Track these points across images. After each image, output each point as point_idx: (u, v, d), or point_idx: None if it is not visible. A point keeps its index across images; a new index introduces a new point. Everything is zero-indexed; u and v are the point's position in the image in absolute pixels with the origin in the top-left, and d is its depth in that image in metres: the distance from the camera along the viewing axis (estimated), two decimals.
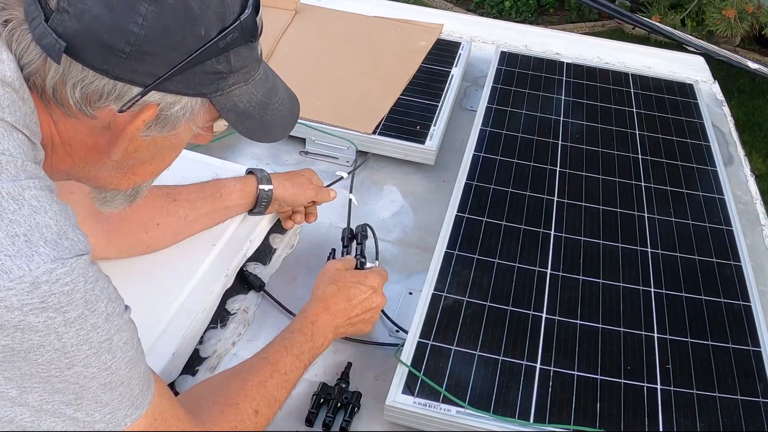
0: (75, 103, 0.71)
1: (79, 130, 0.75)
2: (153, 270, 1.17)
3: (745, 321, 1.18)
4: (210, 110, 0.78)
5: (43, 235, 0.63)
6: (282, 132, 0.88)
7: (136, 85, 0.71)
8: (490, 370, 1.07)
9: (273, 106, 0.84)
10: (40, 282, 0.62)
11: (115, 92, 0.71)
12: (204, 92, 0.75)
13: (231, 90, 0.77)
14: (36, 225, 0.64)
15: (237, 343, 1.16)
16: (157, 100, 0.73)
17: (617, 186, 1.45)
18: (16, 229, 0.62)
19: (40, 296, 0.62)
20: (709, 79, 1.97)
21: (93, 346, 0.66)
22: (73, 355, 0.65)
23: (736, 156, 1.68)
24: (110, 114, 0.73)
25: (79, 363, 0.65)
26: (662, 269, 1.27)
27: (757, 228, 1.48)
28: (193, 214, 1.19)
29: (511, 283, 1.21)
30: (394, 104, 1.63)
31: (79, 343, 0.65)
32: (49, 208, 0.66)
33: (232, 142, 1.58)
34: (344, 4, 2.05)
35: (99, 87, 0.70)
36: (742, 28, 3.77)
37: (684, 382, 1.08)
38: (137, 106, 0.72)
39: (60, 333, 0.63)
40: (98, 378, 0.67)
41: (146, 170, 0.84)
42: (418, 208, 1.47)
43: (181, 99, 0.74)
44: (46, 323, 0.62)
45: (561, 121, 1.62)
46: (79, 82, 0.70)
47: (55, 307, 0.63)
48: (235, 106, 0.79)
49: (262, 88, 0.82)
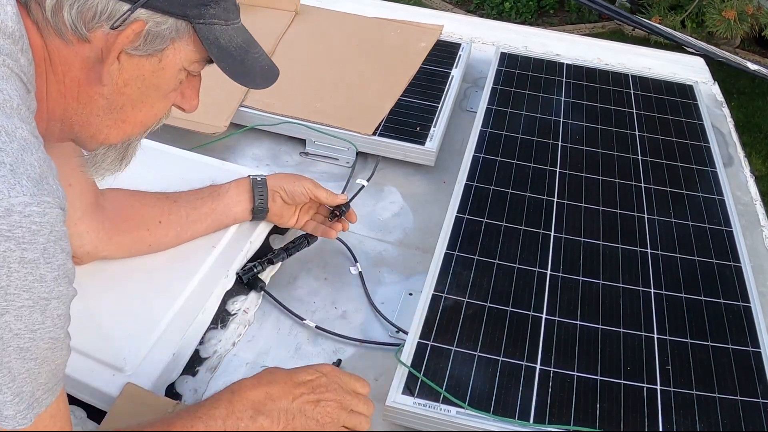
0: (71, 25, 0.76)
1: (72, 63, 0.79)
2: (154, 271, 1.17)
3: (744, 322, 1.18)
4: (195, 42, 0.83)
5: (27, 171, 0.65)
6: (263, 82, 0.91)
7: (126, 2, 0.76)
8: (490, 371, 1.07)
9: (253, 55, 0.88)
10: (13, 211, 0.63)
11: (108, 10, 0.76)
12: (187, 14, 0.80)
13: (212, 23, 0.82)
14: (22, 161, 0.66)
15: (237, 344, 1.16)
16: (146, 17, 0.78)
17: (617, 187, 1.45)
18: (4, 158, 0.64)
19: (9, 224, 0.63)
20: (708, 81, 1.97)
21: (32, 298, 0.66)
22: (11, 300, 0.65)
23: (736, 157, 1.68)
24: (102, 37, 0.77)
25: (13, 312, 0.65)
26: (662, 270, 1.27)
27: (756, 229, 1.48)
28: (194, 214, 1.20)
29: (511, 284, 1.22)
30: (394, 105, 1.64)
31: (23, 288, 0.65)
32: (36, 152, 0.68)
33: (232, 143, 1.59)
34: (344, 5, 2.05)
35: (93, 5, 0.75)
36: (742, 30, 3.77)
37: (684, 382, 1.08)
38: (126, 24, 0.77)
39: (12, 269, 0.64)
40: (21, 337, 0.66)
41: (135, 117, 0.86)
42: (418, 209, 1.47)
43: (167, 19, 0.79)
44: (4, 254, 0.63)
45: (561, 122, 1.63)
46: (76, 2, 0.75)
47: (17, 240, 0.63)
48: (217, 41, 0.83)
49: (241, 36, 0.87)
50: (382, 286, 1.28)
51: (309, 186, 1.25)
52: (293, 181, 1.26)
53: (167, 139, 1.36)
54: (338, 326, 1.19)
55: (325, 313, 1.22)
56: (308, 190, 1.25)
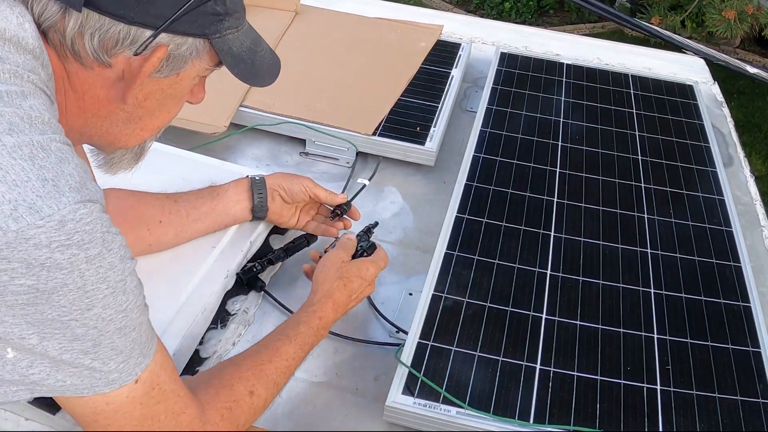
0: (92, 53, 0.77)
1: (93, 83, 0.81)
2: (154, 271, 1.17)
3: (744, 322, 1.18)
4: (210, 54, 0.84)
5: (68, 182, 0.68)
6: (269, 78, 0.94)
7: (147, 28, 0.77)
8: (490, 371, 1.07)
9: (260, 54, 0.90)
10: (66, 220, 0.66)
11: (130, 37, 0.77)
12: (206, 33, 0.81)
13: (227, 34, 0.84)
14: (62, 173, 0.68)
15: (237, 344, 1.16)
16: (167, 41, 0.79)
17: (617, 187, 1.45)
18: (46, 174, 0.67)
19: (66, 233, 0.66)
20: (708, 81, 1.97)
21: (110, 285, 0.71)
22: (93, 295, 0.69)
23: (736, 157, 1.69)
24: (124, 61, 0.79)
25: (98, 303, 0.70)
26: (662, 270, 1.27)
27: (756, 229, 1.48)
28: (194, 213, 1.20)
29: (511, 284, 1.22)
30: (394, 105, 1.64)
31: (99, 281, 0.69)
32: (72, 160, 0.71)
33: (232, 142, 1.58)
34: (344, 5, 2.05)
35: (115, 33, 0.76)
36: (742, 30, 3.77)
37: (684, 382, 1.08)
38: (149, 49, 0.78)
39: (82, 270, 0.68)
40: (115, 321, 0.72)
41: (153, 124, 0.90)
42: (418, 209, 1.47)
43: (187, 40, 0.80)
44: (71, 260, 0.67)
45: (561, 122, 1.63)
46: (97, 31, 0.76)
47: (78, 244, 0.67)
48: (231, 50, 0.85)
49: (249, 37, 0.89)
50: (382, 285, 1.28)
51: (308, 184, 1.26)
52: (292, 179, 1.27)
53: (167, 139, 1.35)
54: (338, 326, 1.19)
55: None
56: (307, 188, 1.25)
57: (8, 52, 0.72)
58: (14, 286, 0.65)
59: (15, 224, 0.64)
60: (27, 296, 0.66)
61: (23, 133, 0.68)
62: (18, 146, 0.67)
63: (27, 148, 0.67)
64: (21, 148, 0.67)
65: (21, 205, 0.64)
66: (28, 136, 0.68)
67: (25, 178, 0.65)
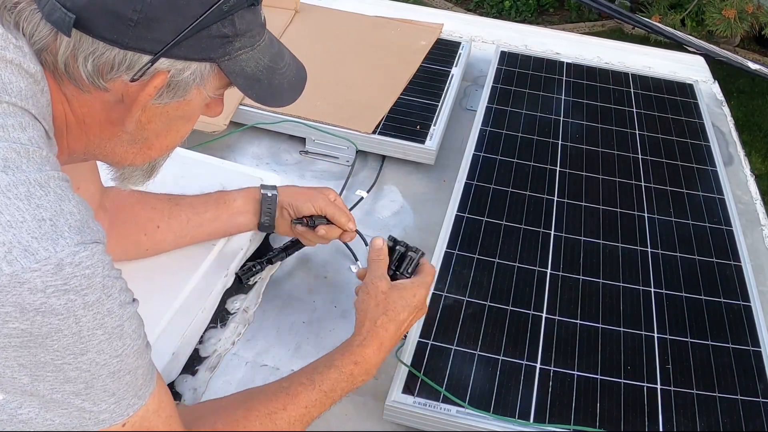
0: (87, 77, 0.73)
1: (92, 106, 0.77)
2: (153, 269, 1.17)
3: (744, 321, 1.18)
4: (219, 76, 0.79)
5: (68, 221, 0.65)
6: (291, 96, 0.89)
7: (145, 53, 0.72)
8: (490, 370, 1.07)
9: (280, 71, 0.85)
10: (64, 264, 0.63)
11: (126, 62, 0.72)
12: (212, 56, 0.76)
13: (238, 54, 0.78)
14: (61, 211, 0.65)
15: (237, 343, 1.16)
16: (167, 66, 0.74)
17: (617, 186, 1.45)
18: (43, 214, 0.64)
19: (63, 278, 0.63)
20: (709, 79, 1.97)
21: (107, 331, 0.67)
22: (88, 340, 0.66)
23: (736, 156, 1.68)
24: (122, 85, 0.74)
25: (93, 349, 0.67)
26: (662, 269, 1.27)
27: (757, 228, 1.48)
28: (196, 219, 1.17)
29: (511, 283, 1.21)
30: (394, 104, 1.63)
31: (95, 327, 0.66)
32: (72, 198, 0.68)
33: (232, 142, 1.58)
34: (344, 3, 2.05)
35: (110, 58, 0.72)
36: (742, 28, 3.77)
37: (684, 382, 1.08)
38: (148, 75, 0.73)
39: (78, 316, 0.65)
40: (109, 365, 0.69)
41: (161, 144, 0.85)
42: (418, 208, 1.47)
43: (190, 65, 0.75)
44: (67, 306, 0.64)
45: (561, 121, 1.62)
46: (90, 55, 0.71)
47: (76, 290, 0.64)
48: (243, 71, 0.80)
49: (268, 54, 0.83)
50: None
51: (321, 204, 1.16)
52: (305, 198, 1.18)
53: None
54: (338, 326, 1.19)
55: (325, 312, 1.22)
56: (320, 208, 1.16)
57: (11, 74, 0.69)
58: (7, 329, 0.62)
59: (9, 267, 0.61)
60: (20, 339, 0.63)
61: (20, 170, 0.65)
62: (14, 185, 0.64)
63: (23, 187, 0.64)
64: (17, 186, 0.64)
65: (16, 247, 0.62)
66: (24, 174, 0.65)
67: (20, 218, 0.62)
